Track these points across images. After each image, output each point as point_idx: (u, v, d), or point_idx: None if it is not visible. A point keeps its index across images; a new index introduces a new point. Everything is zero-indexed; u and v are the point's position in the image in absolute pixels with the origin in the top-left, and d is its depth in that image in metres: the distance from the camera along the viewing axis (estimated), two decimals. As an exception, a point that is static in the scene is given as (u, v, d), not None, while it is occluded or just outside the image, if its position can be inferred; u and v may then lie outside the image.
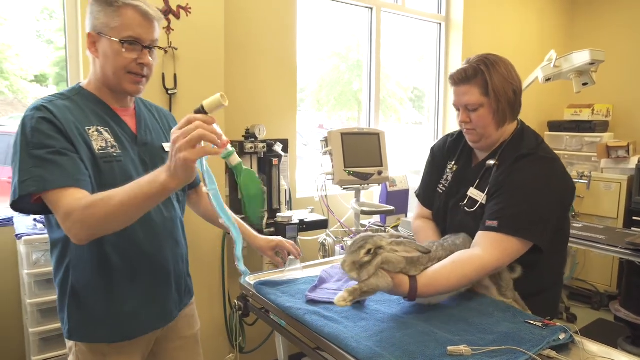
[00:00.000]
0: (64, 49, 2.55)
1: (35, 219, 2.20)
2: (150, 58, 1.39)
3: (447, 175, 1.79)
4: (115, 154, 1.35)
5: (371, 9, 3.69)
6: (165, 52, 2.34)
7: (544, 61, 3.43)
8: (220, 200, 1.27)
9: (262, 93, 2.90)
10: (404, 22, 4.05)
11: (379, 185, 3.12)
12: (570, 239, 2.91)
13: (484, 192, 1.59)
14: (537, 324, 1.30)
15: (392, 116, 4.29)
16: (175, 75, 2.38)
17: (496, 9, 4.39)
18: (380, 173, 2.80)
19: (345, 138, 2.73)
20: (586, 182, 3.99)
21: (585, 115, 4.69)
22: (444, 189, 1.78)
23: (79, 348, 1.41)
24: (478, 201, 1.59)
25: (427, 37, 4.29)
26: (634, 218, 3.97)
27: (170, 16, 2.35)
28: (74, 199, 1.19)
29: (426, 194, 1.88)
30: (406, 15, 3.97)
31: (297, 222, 2.62)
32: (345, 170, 2.69)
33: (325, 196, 2.88)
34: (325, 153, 2.76)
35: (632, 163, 4.18)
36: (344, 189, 2.82)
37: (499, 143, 1.64)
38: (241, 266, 1.48)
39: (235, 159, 1.26)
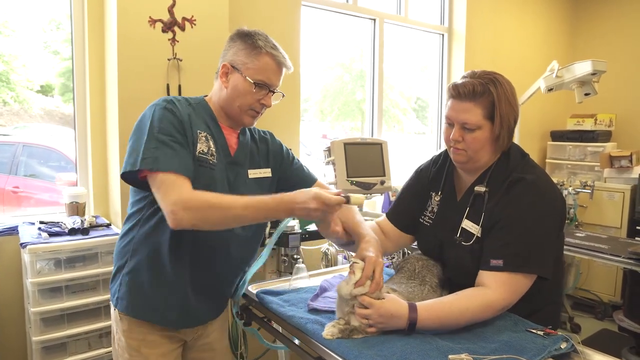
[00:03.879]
0: (70, 59, 2.57)
1: (40, 228, 2.22)
2: (271, 100, 1.55)
3: (432, 207, 1.66)
4: (211, 162, 1.48)
5: (374, 20, 3.71)
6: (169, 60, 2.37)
7: (546, 71, 3.45)
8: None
9: (265, 103, 2.91)
10: (407, 33, 4.08)
11: (382, 194, 3.12)
12: (574, 249, 2.92)
13: (478, 224, 1.49)
14: (539, 332, 1.30)
15: (395, 126, 4.31)
16: (179, 86, 2.40)
17: (498, 20, 4.41)
18: (382, 183, 2.81)
19: (348, 148, 2.74)
20: (589, 191, 3.98)
21: (588, 125, 4.69)
22: (430, 221, 1.65)
23: (121, 318, 1.53)
24: (474, 234, 1.49)
25: (430, 48, 4.32)
26: (637, 227, 3.97)
27: (175, 28, 2.37)
28: (189, 189, 1.34)
29: (398, 209, 1.76)
30: (409, 26, 4.00)
31: (300, 231, 2.63)
32: (348, 180, 2.70)
33: (328, 205, 2.87)
34: (328, 163, 2.77)
35: (635, 172, 4.18)
36: (347, 198, 2.83)
37: (486, 166, 1.54)
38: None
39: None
